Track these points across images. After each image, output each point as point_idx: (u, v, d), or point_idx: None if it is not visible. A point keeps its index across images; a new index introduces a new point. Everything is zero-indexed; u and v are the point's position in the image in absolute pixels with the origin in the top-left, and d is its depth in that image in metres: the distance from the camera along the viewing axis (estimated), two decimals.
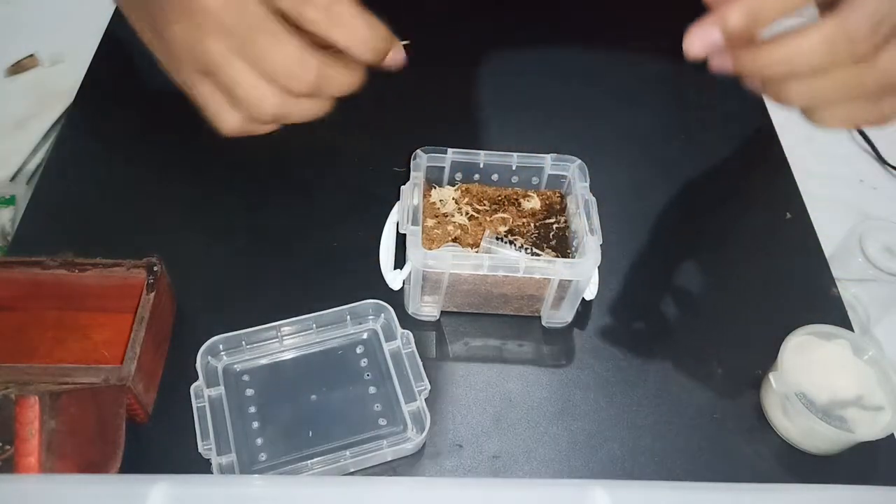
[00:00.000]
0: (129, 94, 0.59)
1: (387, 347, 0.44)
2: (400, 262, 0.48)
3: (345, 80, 0.40)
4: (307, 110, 0.41)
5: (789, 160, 0.59)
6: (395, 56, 0.41)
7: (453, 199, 0.49)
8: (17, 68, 0.85)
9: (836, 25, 0.35)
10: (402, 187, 0.46)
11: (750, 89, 0.39)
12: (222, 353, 0.43)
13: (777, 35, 0.36)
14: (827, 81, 0.36)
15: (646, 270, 0.51)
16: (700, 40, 0.37)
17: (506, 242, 0.45)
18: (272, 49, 0.38)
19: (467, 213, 0.48)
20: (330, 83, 0.39)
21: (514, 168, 0.49)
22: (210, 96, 0.42)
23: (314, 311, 0.45)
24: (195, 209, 0.44)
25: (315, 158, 0.54)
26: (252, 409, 0.42)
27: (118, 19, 0.64)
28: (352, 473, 0.40)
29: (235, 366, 0.43)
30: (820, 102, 0.38)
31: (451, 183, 0.50)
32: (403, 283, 0.47)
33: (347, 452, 0.40)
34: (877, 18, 0.35)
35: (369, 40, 0.39)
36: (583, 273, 0.43)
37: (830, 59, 0.35)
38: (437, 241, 0.46)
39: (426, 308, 0.47)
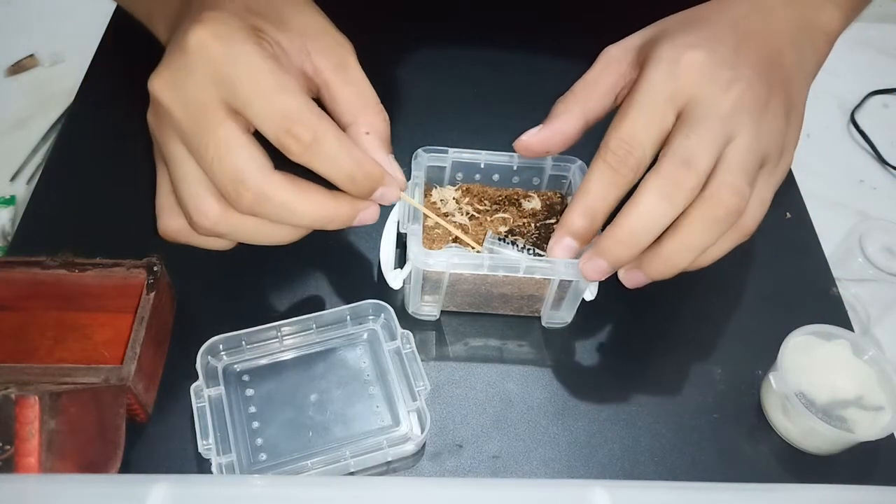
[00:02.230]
0: (129, 94, 0.58)
1: (387, 347, 0.44)
2: (400, 261, 0.48)
3: (293, 207, 0.38)
4: (253, 231, 0.40)
5: None
6: (387, 193, 0.41)
7: (454, 198, 0.49)
8: (17, 68, 0.85)
9: (656, 177, 0.39)
10: None
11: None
12: (222, 353, 0.43)
13: (617, 216, 0.40)
14: (689, 233, 0.39)
15: None
16: (561, 250, 0.41)
17: (508, 243, 0.45)
18: (220, 157, 0.37)
19: (468, 213, 0.48)
20: (270, 205, 0.38)
21: (514, 168, 0.49)
22: (162, 188, 0.42)
23: (314, 311, 0.45)
24: None
25: None
26: (252, 409, 0.42)
27: (118, 19, 0.64)
28: (352, 473, 0.40)
29: (235, 366, 0.43)
30: (693, 252, 0.40)
31: (452, 182, 0.50)
32: (404, 283, 0.47)
33: (347, 452, 0.40)
34: (685, 155, 0.39)
35: (355, 177, 0.39)
36: None
37: (671, 205, 0.39)
38: (437, 240, 0.46)
39: (426, 308, 0.47)
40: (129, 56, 0.61)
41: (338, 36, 0.42)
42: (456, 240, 0.46)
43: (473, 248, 0.45)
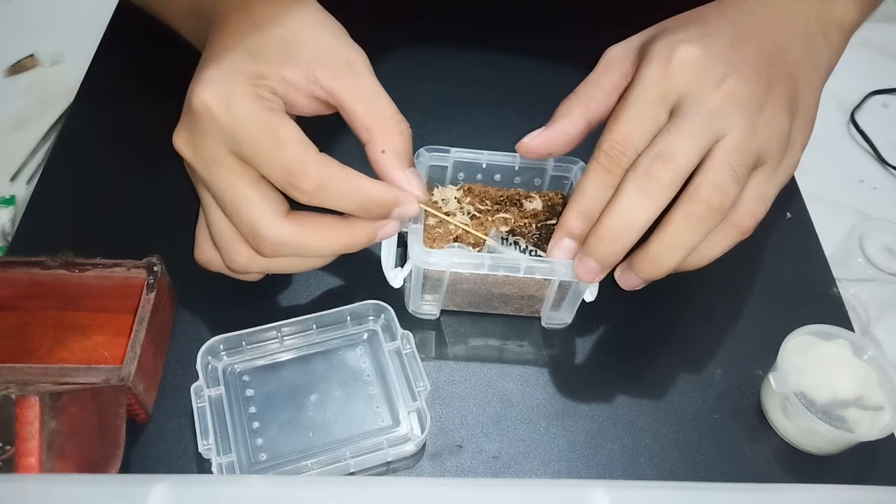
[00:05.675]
0: (130, 94, 0.59)
1: (387, 348, 0.44)
2: (401, 260, 0.48)
3: (311, 246, 0.40)
4: (285, 266, 0.43)
5: None
6: (405, 210, 0.41)
7: (455, 198, 0.49)
8: (17, 68, 0.85)
9: (632, 172, 0.40)
10: None
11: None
12: (222, 353, 0.43)
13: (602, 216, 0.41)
14: (672, 232, 0.40)
15: None
16: (560, 251, 0.42)
17: (510, 243, 0.45)
18: (236, 210, 0.39)
19: (469, 213, 0.48)
20: (288, 249, 0.40)
21: (516, 169, 0.49)
22: (202, 222, 0.44)
23: (314, 312, 0.45)
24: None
25: None
26: (252, 410, 0.42)
27: (118, 19, 0.64)
28: (352, 473, 0.40)
29: (236, 366, 0.43)
30: (680, 251, 0.40)
31: (454, 182, 0.50)
32: (404, 282, 0.47)
33: (347, 452, 0.40)
34: (662, 149, 0.39)
35: (366, 207, 0.40)
36: None
37: (649, 199, 0.39)
38: (438, 239, 0.46)
39: (426, 306, 0.47)
40: (128, 56, 0.62)
41: (347, 53, 0.41)
42: (457, 239, 0.47)
43: (480, 237, 0.45)
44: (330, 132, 0.42)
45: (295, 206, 0.41)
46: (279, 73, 0.40)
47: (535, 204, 0.50)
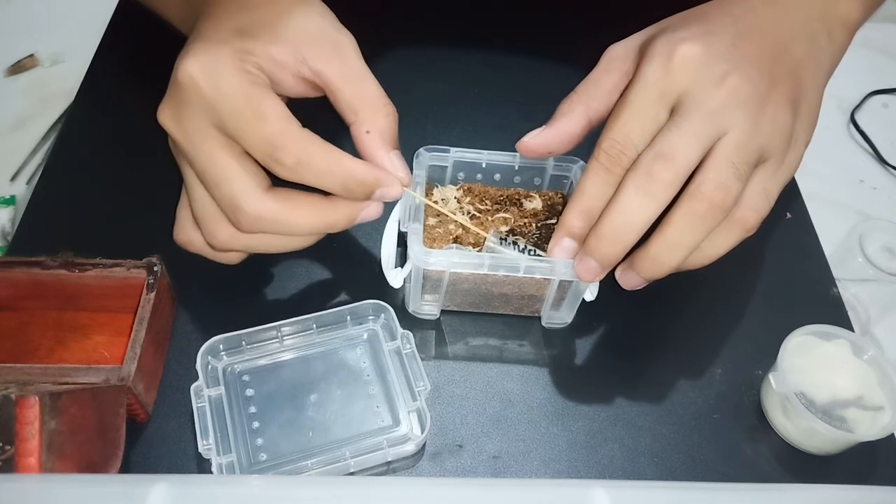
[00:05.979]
0: (130, 94, 0.59)
1: (387, 348, 0.44)
2: (401, 260, 0.48)
3: (291, 223, 0.40)
4: (266, 245, 0.42)
5: None
6: (387, 192, 0.41)
7: (455, 197, 0.49)
8: (17, 68, 0.85)
9: (633, 172, 0.39)
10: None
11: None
12: (222, 353, 0.43)
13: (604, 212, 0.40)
14: (673, 230, 0.39)
15: None
16: (560, 251, 0.42)
17: (509, 243, 0.45)
18: (217, 184, 0.39)
19: (469, 213, 0.48)
20: (268, 224, 0.40)
21: (516, 168, 0.49)
22: (183, 202, 0.44)
23: (314, 312, 0.45)
24: None
25: None
26: (252, 410, 0.42)
27: (118, 19, 0.64)
28: (352, 473, 0.40)
29: (236, 366, 0.43)
30: (681, 250, 0.40)
31: (454, 182, 0.50)
32: (404, 282, 0.47)
33: (347, 452, 0.40)
34: (663, 149, 0.39)
35: (348, 186, 0.40)
36: None
37: (649, 199, 0.39)
38: (438, 239, 0.46)
39: (426, 307, 0.47)
40: (128, 56, 0.62)
41: (334, 34, 0.42)
42: (457, 239, 0.47)
43: (479, 235, 0.45)
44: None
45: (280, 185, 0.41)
46: (267, 51, 0.40)
47: (535, 203, 0.50)
